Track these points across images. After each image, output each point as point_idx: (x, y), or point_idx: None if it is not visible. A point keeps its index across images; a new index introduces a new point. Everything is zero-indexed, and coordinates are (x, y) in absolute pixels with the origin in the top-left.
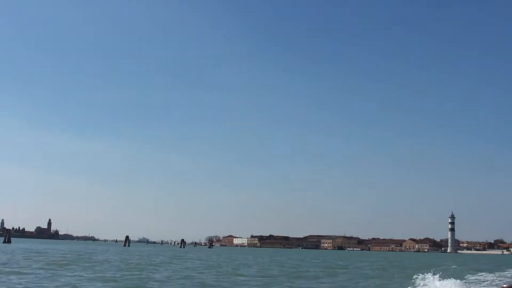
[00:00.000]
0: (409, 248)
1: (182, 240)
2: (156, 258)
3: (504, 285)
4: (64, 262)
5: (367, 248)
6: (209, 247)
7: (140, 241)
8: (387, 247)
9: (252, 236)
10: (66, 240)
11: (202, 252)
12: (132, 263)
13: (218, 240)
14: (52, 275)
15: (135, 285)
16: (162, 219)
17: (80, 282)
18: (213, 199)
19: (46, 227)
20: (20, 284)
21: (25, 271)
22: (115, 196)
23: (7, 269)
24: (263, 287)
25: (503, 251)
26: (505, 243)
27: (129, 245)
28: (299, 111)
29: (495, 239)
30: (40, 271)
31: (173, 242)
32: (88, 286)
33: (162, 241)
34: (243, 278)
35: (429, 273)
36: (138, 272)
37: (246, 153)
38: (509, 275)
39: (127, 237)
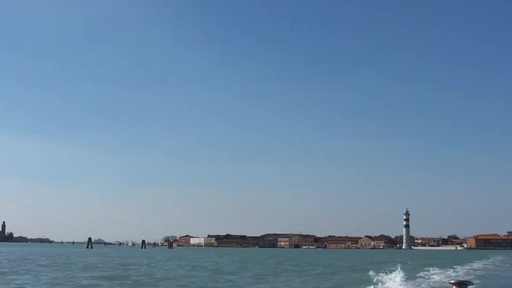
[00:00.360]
0: (365, 245)
1: (143, 241)
2: (135, 260)
3: (452, 281)
4: (62, 264)
5: (324, 246)
6: (169, 247)
7: (95, 242)
8: (343, 245)
9: (209, 236)
10: (22, 243)
11: (168, 252)
12: (121, 263)
13: (175, 240)
14: (69, 275)
15: (153, 284)
16: (116, 220)
17: (105, 282)
18: (167, 199)
19: (0, 230)
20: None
21: (41, 272)
22: (67, 197)
23: (20, 269)
24: (260, 283)
25: (456, 247)
26: (458, 238)
27: (91, 247)
28: (250, 108)
29: (449, 235)
30: (55, 273)
31: (131, 243)
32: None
33: (120, 242)
34: (235, 276)
35: (384, 272)
36: (135, 272)
37: (201, 152)
38: (463, 269)
39: (89, 239)
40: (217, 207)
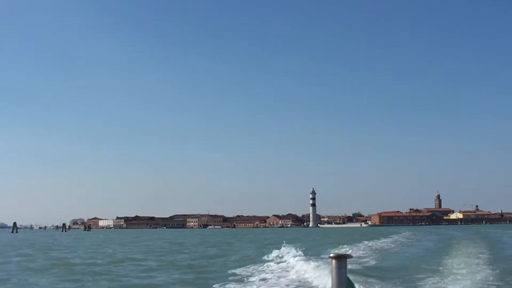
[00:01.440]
0: (273, 224)
1: (64, 224)
2: (86, 242)
3: (331, 255)
4: (47, 248)
5: (233, 226)
6: (86, 230)
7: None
8: (252, 224)
9: (117, 218)
10: None
11: (93, 235)
12: (100, 246)
13: (83, 223)
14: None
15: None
16: (20, 204)
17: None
18: (72, 181)
19: None
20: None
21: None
22: None
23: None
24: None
25: (361, 224)
26: (363, 216)
27: (17, 231)
28: (163, 90)
29: (354, 212)
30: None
31: (38, 227)
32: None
33: (31, 226)
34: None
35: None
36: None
37: (107, 134)
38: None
39: (15, 223)
40: (124, 189)
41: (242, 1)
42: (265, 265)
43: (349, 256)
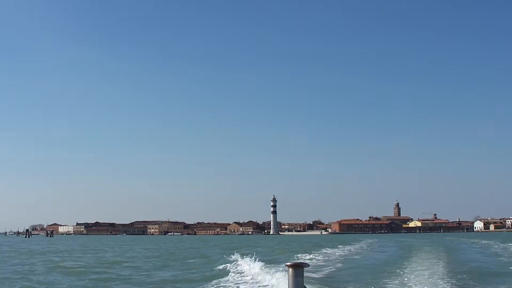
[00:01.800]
0: (234, 231)
1: (27, 230)
2: (59, 247)
3: (287, 263)
4: (33, 254)
5: (193, 233)
6: (49, 236)
7: None
8: (213, 231)
9: (77, 224)
10: None
11: (61, 241)
12: (80, 251)
13: (43, 229)
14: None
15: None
16: None
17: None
18: (30, 187)
19: None
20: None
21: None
22: None
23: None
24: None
25: (321, 232)
26: (323, 223)
27: None
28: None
29: (314, 220)
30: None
31: (4, 233)
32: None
33: None
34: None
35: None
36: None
37: (66, 139)
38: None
39: None
40: (84, 195)
41: (238, 6)
42: (236, 267)
43: (306, 265)
